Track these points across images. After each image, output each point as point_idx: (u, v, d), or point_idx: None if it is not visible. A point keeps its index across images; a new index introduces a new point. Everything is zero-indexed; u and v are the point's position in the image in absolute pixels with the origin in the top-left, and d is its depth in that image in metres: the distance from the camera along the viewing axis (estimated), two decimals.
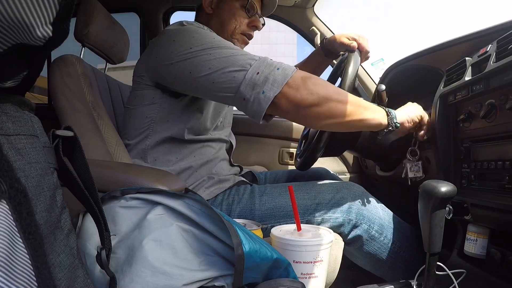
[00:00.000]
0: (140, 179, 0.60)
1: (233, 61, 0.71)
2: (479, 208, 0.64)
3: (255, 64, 0.70)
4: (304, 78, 0.69)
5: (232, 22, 0.94)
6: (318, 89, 0.69)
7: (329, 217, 0.79)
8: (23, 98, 0.32)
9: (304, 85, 0.69)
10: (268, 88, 0.68)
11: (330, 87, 0.71)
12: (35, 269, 0.27)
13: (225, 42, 0.76)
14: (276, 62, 0.72)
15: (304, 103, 0.68)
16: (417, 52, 0.96)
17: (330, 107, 0.69)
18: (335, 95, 0.70)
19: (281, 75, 0.69)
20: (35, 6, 0.24)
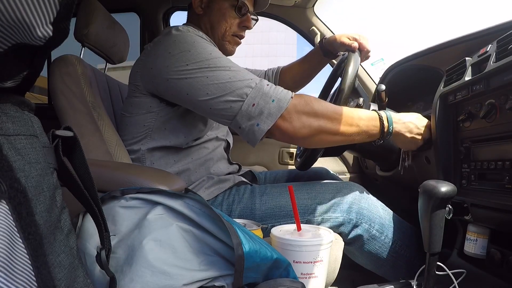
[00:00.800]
0: (140, 179, 0.60)
1: (230, 89, 0.72)
2: (479, 208, 0.64)
3: (251, 93, 0.71)
4: (298, 110, 0.71)
5: (222, 23, 0.93)
6: (311, 121, 0.71)
7: (329, 217, 0.79)
8: (23, 98, 0.32)
9: (298, 118, 0.71)
10: (262, 121, 0.70)
11: (324, 116, 0.72)
12: (34, 269, 0.27)
13: (222, 61, 0.76)
14: (272, 91, 0.72)
15: (297, 135, 0.72)
16: (417, 52, 0.96)
17: (322, 138, 0.73)
18: (328, 125, 0.72)
19: (276, 108, 0.70)
20: (36, 5, 0.24)
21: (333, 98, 0.99)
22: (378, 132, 0.76)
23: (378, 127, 0.76)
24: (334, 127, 0.72)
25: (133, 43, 1.24)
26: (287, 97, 0.71)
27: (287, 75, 1.18)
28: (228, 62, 0.77)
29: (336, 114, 0.73)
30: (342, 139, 0.74)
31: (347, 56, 0.88)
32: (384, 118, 0.76)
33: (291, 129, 0.71)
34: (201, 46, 0.78)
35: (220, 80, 0.73)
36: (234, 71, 0.74)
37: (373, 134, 0.76)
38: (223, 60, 0.76)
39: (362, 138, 0.76)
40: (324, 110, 0.72)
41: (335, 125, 0.72)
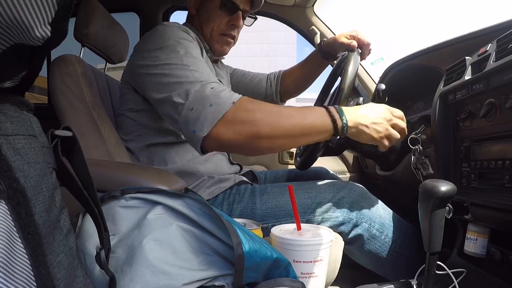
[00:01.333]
0: (140, 179, 0.60)
1: (178, 90, 0.69)
2: (479, 208, 0.64)
3: (192, 96, 0.67)
4: (236, 117, 0.65)
5: (210, 22, 0.93)
6: (246, 128, 0.65)
7: (330, 216, 0.79)
8: (22, 98, 0.32)
9: (233, 125, 0.65)
10: (198, 127, 0.65)
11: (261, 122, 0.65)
12: (34, 269, 0.27)
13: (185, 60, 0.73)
14: (213, 95, 0.67)
15: (232, 144, 0.66)
16: (417, 52, 0.96)
17: (261, 144, 0.66)
18: (266, 130, 0.65)
19: (212, 113, 0.65)
20: (34, 6, 0.24)
21: (333, 98, 0.99)
22: (331, 127, 0.69)
23: (328, 121, 0.69)
24: (274, 132, 0.66)
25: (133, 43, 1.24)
26: (227, 102, 0.65)
27: (288, 79, 1.19)
28: (191, 62, 0.73)
29: (274, 117, 0.66)
30: (285, 142, 0.68)
31: (347, 56, 0.88)
32: (333, 111, 0.70)
33: (226, 137, 0.65)
34: (173, 43, 0.77)
35: (174, 81, 0.70)
36: (191, 70, 0.71)
37: (324, 130, 0.69)
38: (186, 59, 0.74)
39: (312, 136, 0.70)
40: (262, 115, 0.66)
41: (273, 129, 0.66)
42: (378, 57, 1.40)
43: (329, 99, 1.07)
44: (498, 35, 0.62)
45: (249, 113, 0.66)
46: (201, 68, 0.73)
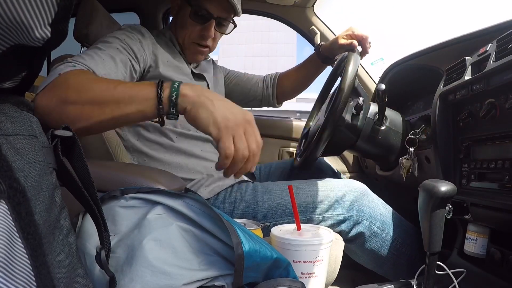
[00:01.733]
0: (140, 179, 0.60)
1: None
2: (479, 208, 0.64)
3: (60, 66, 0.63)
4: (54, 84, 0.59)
5: (183, 30, 0.92)
6: (57, 93, 0.58)
7: (331, 215, 0.79)
8: (22, 98, 0.32)
9: (49, 92, 0.58)
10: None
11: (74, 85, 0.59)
12: (34, 269, 0.27)
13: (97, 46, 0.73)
14: (57, 69, 0.62)
15: (44, 110, 0.57)
16: (417, 52, 0.96)
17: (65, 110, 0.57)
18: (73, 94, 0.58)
19: (43, 84, 0.60)
20: (34, 7, 0.24)
21: (333, 98, 0.99)
22: (152, 94, 0.56)
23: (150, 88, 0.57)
24: (81, 96, 0.58)
25: None
26: (55, 74, 0.61)
27: (285, 81, 1.19)
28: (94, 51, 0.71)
29: (86, 82, 0.60)
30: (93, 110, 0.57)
31: (347, 56, 0.88)
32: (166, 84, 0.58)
33: (41, 103, 0.57)
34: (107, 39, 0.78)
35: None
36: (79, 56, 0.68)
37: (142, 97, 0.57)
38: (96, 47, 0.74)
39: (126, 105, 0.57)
40: (75, 79, 0.60)
41: (82, 93, 0.58)
42: (378, 57, 1.40)
43: (329, 99, 1.07)
44: (498, 35, 0.62)
45: (65, 80, 0.60)
46: (88, 53, 0.70)
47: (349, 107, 0.87)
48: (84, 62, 0.66)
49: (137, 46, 0.81)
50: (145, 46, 0.84)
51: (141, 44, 0.83)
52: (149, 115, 0.58)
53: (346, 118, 0.87)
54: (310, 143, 0.88)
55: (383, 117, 0.88)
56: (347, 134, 0.89)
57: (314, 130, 0.97)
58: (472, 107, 0.67)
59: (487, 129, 0.63)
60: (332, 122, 0.79)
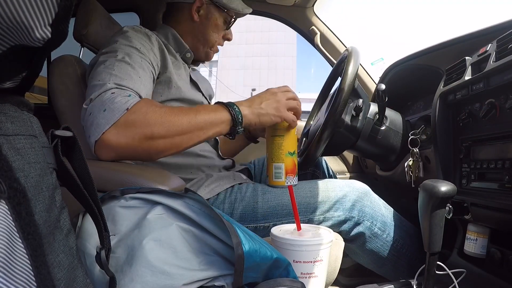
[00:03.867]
0: (140, 179, 0.60)
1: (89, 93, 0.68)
2: (479, 208, 0.64)
3: (93, 102, 0.65)
4: (128, 120, 0.63)
5: (214, 35, 0.99)
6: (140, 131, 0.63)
7: (331, 215, 0.79)
8: (22, 98, 0.32)
9: (126, 130, 0.63)
10: (92, 132, 0.63)
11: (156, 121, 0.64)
12: (34, 269, 0.27)
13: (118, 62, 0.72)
14: (110, 99, 0.64)
15: (125, 149, 0.64)
16: (417, 52, 0.96)
17: (154, 146, 0.65)
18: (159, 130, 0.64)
19: (104, 118, 0.63)
20: (34, 7, 0.24)
21: (333, 98, 0.99)
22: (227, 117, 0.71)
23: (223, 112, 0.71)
24: (167, 131, 0.65)
25: None
26: (121, 108, 0.63)
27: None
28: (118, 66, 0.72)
29: (167, 116, 0.66)
30: (181, 140, 0.67)
31: (347, 56, 0.88)
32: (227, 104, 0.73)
33: (118, 143, 0.63)
34: (118, 47, 0.76)
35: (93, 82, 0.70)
36: (110, 74, 0.69)
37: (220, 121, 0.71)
38: (117, 63, 0.72)
39: (209, 129, 0.70)
40: (154, 115, 0.65)
41: (167, 128, 0.65)
42: (378, 57, 1.40)
43: (329, 99, 1.07)
44: (498, 35, 0.62)
45: (142, 116, 0.64)
46: (125, 71, 0.71)
47: (348, 108, 0.87)
48: (129, 86, 0.69)
49: (151, 54, 0.82)
50: (156, 52, 0.84)
51: (153, 51, 0.83)
52: (224, 134, 0.73)
53: (346, 120, 0.87)
54: (310, 143, 0.88)
55: (383, 117, 0.88)
56: (347, 135, 0.89)
57: (314, 130, 0.97)
58: (472, 107, 0.67)
59: (487, 129, 0.63)
60: (332, 123, 0.79)
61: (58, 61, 0.87)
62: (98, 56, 0.78)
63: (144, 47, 0.80)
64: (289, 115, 0.78)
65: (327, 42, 1.47)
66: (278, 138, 0.82)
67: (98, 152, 0.65)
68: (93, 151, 0.65)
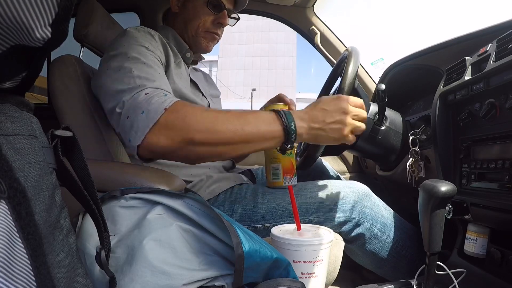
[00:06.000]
0: (140, 179, 0.60)
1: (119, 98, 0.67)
2: (479, 208, 0.64)
3: (127, 104, 0.65)
4: (169, 121, 0.62)
5: (195, 20, 0.93)
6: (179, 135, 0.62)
7: (332, 216, 0.79)
8: (22, 98, 0.32)
9: (167, 131, 0.62)
10: (132, 136, 0.63)
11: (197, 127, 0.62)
12: (34, 269, 0.27)
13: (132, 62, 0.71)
14: (145, 101, 0.64)
15: (168, 150, 0.63)
16: (417, 52, 0.96)
17: (194, 151, 0.63)
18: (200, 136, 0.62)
19: (144, 121, 0.62)
20: (34, 7, 0.24)
21: None
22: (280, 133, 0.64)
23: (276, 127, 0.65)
24: (210, 137, 0.62)
25: None
26: (159, 109, 0.63)
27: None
28: (137, 66, 0.71)
29: (209, 123, 0.63)
30: (225, 150, 0.64)
31: (347, 56, 0.88)
32: (283, 117, 0.65)
33: (158, 144, 0.62)
34: (126, 49, 0.75)
35: (115, 87, 0.69)
36: (133, 77, 0.69)
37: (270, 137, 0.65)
38: (134, 64, 0.71)
39: (256, 144, 0.65)
40: (195, 119, 0.63)
41: (211, 135, 0.62)
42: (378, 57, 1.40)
43: None
44: (498, 35, 0.62)
45: (181, 118, 0.63)
46: (145, 71, 0.71)
47: None
48: (158, 86, 0.68)
49: (157, 52, 0.82)
50: (160, 50, 0.84)
51: (159, 49, 0.83)
52: (272, 148, 0.70)
53: None
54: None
55: (383, 117, 0.88)
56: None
57: None
58: (472, 107, 0.67)
59: (487, 129, 0.63)
60: None
61: (58, 61, 0.87)
62: (107, 59, 0.76)
63: (152, 45, 0.80)
64: (351, 139, 0.69)
65: (327, 42, 1.47)
66: None
67: (141, 155, 0.65)
68: (136, 155, 0.65)
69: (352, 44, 1.13)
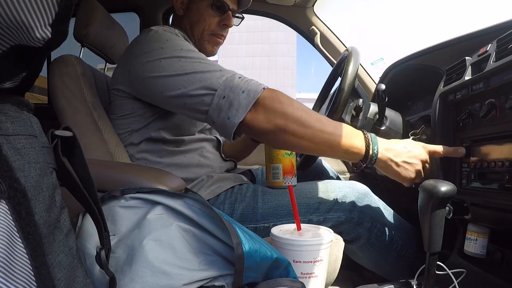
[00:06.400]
0: (140, 179, 0.60)
1: (201, 81, 0.70)
2: (479, 208, 0.64)
3: (222, 85, 0.68)
4: (267, 104, 0.66)
5: (200, 23, 0.93)
6: (276, 118, 0.65)
7: (332, 216, 0.79)
8: (22, 98, 0.32)
9: (265, 112, 0.66)
10: (233, 113, 0.67)
11: (292, 116, 0.66)
12: (34, 269, 0.27)
13: (194, 54, 0.75)
14: (243, 83, 0.68)
15: (261, 130, 0.67)
16: (417, 52, 0.96)
17: (286, 139, 0.66)
18: (293, 126, 0.65)
19: (245, 100, 0.66)
20: (34, 7, 0.24)
21: (333, 98, 0.99)
22: (362, 151, 0.68)
23: (361, 144, 0.69)
24: (300, 130, 0.66)
25: None
26: (258, 89, 0.67)
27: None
28: (200, 55, 0.75)
29: (305, 116, 0.66)
30: (309, 145, 0.67)
31: (347, 56, 0.88)
32: (369, 138, 0.70)
33: (257, 123, 0.66)
34: (173, 42, 0.77)
35: (191, 72, 0.71)
36: (205, 63, 0.72)
37: (353, 151, 0.68)
38: (195, 54, 0.75)
39: (338, 150, 0.68)
40: (292, 109, 0.66)
41: (301, 128, 0.66)
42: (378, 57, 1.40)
43: (329, 99, 1.07)
44: (498, 35, 0.62)
45: (281, 105, 0.66)
46: (211, 61, 0.74)
47: (348, 108, 0.87)
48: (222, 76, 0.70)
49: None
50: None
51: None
52: (350, 161, 0.72)
53: (346, 120, 0.87)
54: None
55: (383, 117, 0.88)
56: None
57: None
58: (472, 107, 0.67)
59: (487, 129, 0.63)
60: None
61: (58, 61, 0.87)
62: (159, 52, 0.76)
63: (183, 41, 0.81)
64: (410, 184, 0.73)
65: (327, 42, 1.47)
66: None
67: (239, 131, 0.68)
68: (232, 131, 0.67)
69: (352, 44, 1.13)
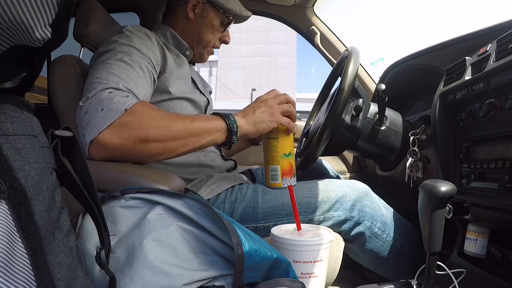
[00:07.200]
0: (140, 179, 0.60)
1: (86, 90, 0.68)
2: (479, 208, 0.64)
3: (90, 100, 0.65)
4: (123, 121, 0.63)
5: (209, 35, 0.97)
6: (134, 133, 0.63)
7: (332, 215, 0.79)
8: (22, 98, 0.32)
9: (120, 131, 0.63)
10: (87, 132, 0.63)
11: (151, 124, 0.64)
12: (34, 269, 0.27)
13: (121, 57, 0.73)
14: (107, 99, 0.64)
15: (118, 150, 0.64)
16: (417, 52, 0.96)
17: (147, 149, 0.65)
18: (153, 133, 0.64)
19: (102, 118, 0.62)
20: (34, 8, 0.24)
21: (333, 98, 0.99)
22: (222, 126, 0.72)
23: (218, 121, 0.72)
24: (161, 134, 0.65)
25: None
26: (120, 108, 0.63)
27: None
28: (117, 64, 0.72)
29: (162, 120, 0.66)
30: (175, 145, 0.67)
31: (347, 56, 0.88)
32: (222, 114, 0.74)
33: (112, 143, 0.63)
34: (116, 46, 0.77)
35: (94, 75, 0.70)
36: (109, 72, 0.70)
37: (215, 129, 0.71)
38: (115, 62, 0.72)
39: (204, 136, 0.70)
40: (149, 118, 0.65)
41: (161, 132, 0.65)
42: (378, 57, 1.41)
43: (329, 99, 1.07)
44: (498, 35, 0.62)
45: (137, 117, 0.64)
46: (125, 71, 0.71)
47: (348, 108, 0.87)
48: (127, 86, 0.69)
49: (152, 54, 0.82)
50: (156, 52, 0.84)
51: (153, 51, 0.83)
52: (218, 143, 0.74)
53: (346, 120, 0.87)
54: (310, 142, 0.88)
55: (383, 117, 0.88)
56: (347, 135, 0.89)
57: (314, 129, 0.97)
58: (472, 107, 0.67)
59: (487, 129, 0.63)
60: (332, 123, 0.79)
61: (58, 61, 0.87)
62: (98, 55, 0.78)
63: (145, 47, 0.80)
64: (284, 119, 0.78)
65: (327, 42, 1.47)
66: (273, 141, 0.82)
67: (91, 151, 0.65)
68: (87, 151, 0.65)
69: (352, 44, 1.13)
